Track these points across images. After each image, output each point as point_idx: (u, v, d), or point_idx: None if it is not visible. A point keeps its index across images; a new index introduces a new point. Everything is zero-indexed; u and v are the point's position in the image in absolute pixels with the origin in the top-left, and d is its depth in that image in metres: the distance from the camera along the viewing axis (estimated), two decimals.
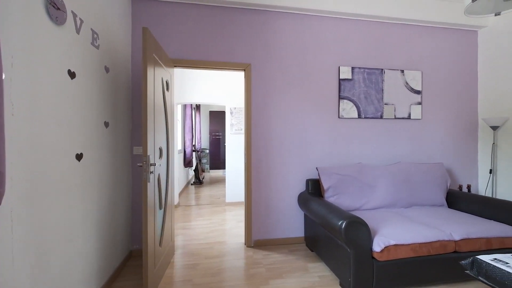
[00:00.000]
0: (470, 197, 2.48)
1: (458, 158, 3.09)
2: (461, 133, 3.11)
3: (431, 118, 3.03)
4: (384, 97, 2.90)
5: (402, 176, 2.57)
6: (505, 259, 1.24)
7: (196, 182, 6.24)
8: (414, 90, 2.97)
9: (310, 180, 2.58)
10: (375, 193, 2.50)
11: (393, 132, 2.94)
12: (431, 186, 2.59)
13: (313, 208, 2.22)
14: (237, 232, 3.02)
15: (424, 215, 2.25)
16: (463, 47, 3.10)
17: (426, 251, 1.80)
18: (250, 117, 2.64)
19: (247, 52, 2.65)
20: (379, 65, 2.90)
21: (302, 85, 2.75)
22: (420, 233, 1.83)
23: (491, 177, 2.98)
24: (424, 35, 3.01)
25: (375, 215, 2.24)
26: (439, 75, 3.04)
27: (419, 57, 2.99)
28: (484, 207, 2.29)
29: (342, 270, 1.84)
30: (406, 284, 1.81)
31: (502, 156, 2.88)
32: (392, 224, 1.98)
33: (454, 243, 1.87)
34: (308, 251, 2.50)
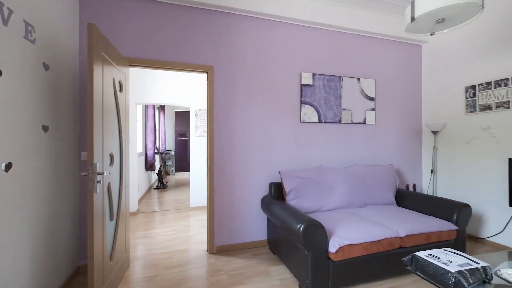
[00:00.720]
0: (415, 195, 2.74)
1: (405, 160, 3.40)
2: (408, 137, 3.42)
3: (383, 123, 3.29)
4: (342, 103, 3.06)
5: (357, 177, 2.74)
6: (438, 254, 1.38)
7: (160, 186, 5.95)
8: (369, 97, 3.19)
9: (273, 184, 2.61)
10: (334, 195, 2.62)
11: (350, 136, 3.12)
12: (382, 186, 2.80)
13: (274, 211, 2.25)
14: (200, 239, 2.93)
15: (375, 214, 2.42)
16: (410, 59, 3.43)
17: (376, 249, 1.94)
18: (213, 120, 2.58)
19: (210, 54, 2.59)
20: (338, 73, 3.06)
21: (266, 90, 2.78)
22: (371, 232, 1.96)
23: (432, 177, 3.33)
24: (378, 46, 3.25)
25: (332, 216, 2.34)
26: (390, 83, 3.32)
27: (373, 67, 3.23)
28: (426, 204, 2.55)
29: (301, 272, 1.89)
30: (359, 280, 1.92)
31: (441, 157, 3.24)
32: (347, 224, 2.09)
33: (400, 239, 2.04)
34: (271, 254, 2.53)
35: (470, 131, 2.91)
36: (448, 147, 3.16)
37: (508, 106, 2.56)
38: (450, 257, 1.35)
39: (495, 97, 2.67)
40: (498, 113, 2.65)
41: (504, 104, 2.60)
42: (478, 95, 2.82)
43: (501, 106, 2.62)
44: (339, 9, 2.94)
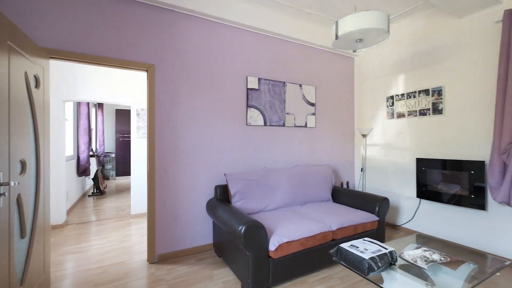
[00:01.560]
0: (347, 192, 3.07)
1: (340, 160, 3.79)
2: (343, 139, 3.82)
3: (322, 126, 3.60)
4: (286, 107, 3.24)
5: (299, 178, 2.94)
6: (358, 244, 1.59)
7: (96, 193, 5.34)
8: (310, 103, 3.46)
9: (219, 187, 2.60)
10: (277, 195, 2.75)
11: (293, 138, 3.32)
12: (320, 184, 3.07)
13: (219, 214, 2.25)
14: (141, 249, 2.74)
15: (313, 210, 2.63)
16: (345, 70, 3.84)
17: (312, 243, 2.11)
18: (154, 121, 2.44)
19: (151, 52, 2.44)
20: (282, 78, 3.23)
21: (212, 92, 2.75)
22: (307, 228, 2.13)
23: (362, 175, 3.79)
24: (318, 57, 3.55)
25: (275, 215, 2.46)
26: (328, 91, 3.65)
27: (314, 75, 3.50)
28: (355, 199, 2.89)
29: (243, 273, 1.93)
30: (297, 274, 2.06)
31: (369, 158, 3.72)
32: (287, 222, 2.22)
33: (332, 233, 2.26)
34: (216, 258, 2.52)
35: (390, 134, 3.41)
36: (375, 148, 3.64)
37: (416, 114, 3.09)
38: (367, 245, 1.56)
39: (407, 106, 3.19)
40: (410, 119, 3.17)
41: (413, 113, 3.12)
42: (396, 104, 3.33)
43: (411, 114, 3.15)
44: (283, 19, 3.11)
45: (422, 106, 3.03)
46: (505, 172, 2.26)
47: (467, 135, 2.64)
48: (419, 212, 3.06)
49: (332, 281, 2.08)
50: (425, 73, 3.00)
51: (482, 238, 2.52)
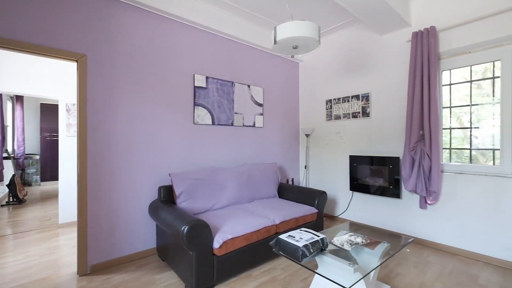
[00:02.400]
0: (292, 188, 3.28)
1: (286, 158, 4.03)
2: (289, 139, 4.06)
3: (270, 126, 3.76)
4: (234, 107, 3.29)
5: (246, 175, 3.01)
6: (294, 234, 1.72)
7: (13, 202, 4.51)
8: (258, 103, 3.58)
9: (163, 187, 2.49)
10: (225, 193, 2.77)
11: (242, 138, 3.39)
12: (267, 182, 3.20)
13: (162, 216, 2.16)
14: (70, 260, 2.43)
15: (260, 207, 2.74)
16: (291, 74, 4.08)
17: (256, 238, 2.20)
18: (85, 118, 2.20)
19: (84, 40, 2.20)
20: (230, 78, 3.26)
21: (157, 88, 2.62)
22: (252, 223, 2.21)
23: (306, 171, 4.09)
24: (266, 59, 3.69)
25: (222, 213, 2.48)
26: (275, 92, 3.84)
27: (261, 76, 3.64)
28: (298, 194, 3.10)
29: (187, 274, 1.90)
30: (242, 269, 2.12)
31: (312, 155, 4.04)
32: (233, 219, 2.26)
33: (275, 226, 2.39)
34: (159, 262, 2.40)
35: (328, 134, 3.77)
36: (316, 147, 3.97)
37: (349, 116, 3.49)
38: (302, 235, 1.70)
39: (343, 110, 3.58)
40: (344, 121, 3.56)
41: (348, 115, 3.51)
42: (333, 107, 3.69)
43: (346, 116, 3.54)
44: (232, 19, 3.15)
45: (354, 109, 3.43)
46: (413, 166, 2.74)
47: (388, 135, 3.09)
48: (352, 203, 3.47)
49: (275, 272, 2.20)
50: (356, 80, 3.41)
51: (398, 222, 2.99)
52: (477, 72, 2.53)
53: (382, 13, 2.61)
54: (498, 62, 2.38)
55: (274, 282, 2.05)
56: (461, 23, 2.46)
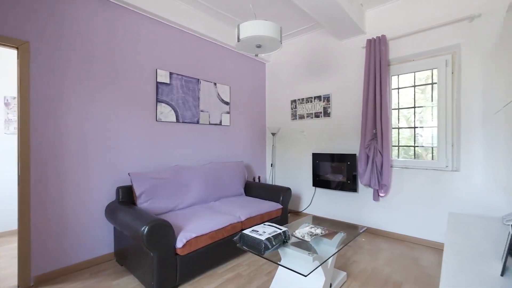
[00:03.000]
0: (258, 185, 3.33)
1: (253, 156, 4.08)
2: (256, 137, 4.12)
3: (237, 125, 3.77)
4: (200, 104, 3.23)
5: (212, 174, 2.99)
6: (258, 228, 1.76)
7: None
8: (224, 101, 3.57)
9: (122, 188, 2.35)
10: (190, 192, 2.71)
11: (208, 136, 3.35)
12: (234, 180, 3.21)
13: (120, 217, 2.03)
14: (10, 273, 2.16)
15: (226, 205, 2.73)
16: (258, 73, 4.15)
17: (221, 235, 2.19)
18: (28, 113, 1.97)
19: (26, 26, 1.96)
20: (196, 75, 3.20)
21: (115, 83, 2.45)
22: (217, 221, 2.20)
23: (272, 169, 4.20)
24: (233, 58, 3.69)
25: (187, 212, 2.42)
26: (242, 91, 3.86)
27: (228, 74, 3.63)
28: (264, 191, 3.17)
29: (147, 276, 1.82)
30: (207, 268, 2.10)
31: (278, 154, 4.15)
32: (198, 218, 2.23)
33: (241, 223, 2.42)
34: (117, 267, 2.26)
35: (293, 133, 3.92)
36: (282, 145, 4.09)
37: (312, 116, 3.66)
38: (265, 229, 1.75)
39: (306, 110, 3.74)
40: (308, 121, 3.73)
41: (311, 115, 3.69)
42: (298, 107, 3.85)
43: (309, 116, 3.71)
44: (199, 16, 3.09)
45: (316, 109, 3.62)
46: (367, 162, 2.98)
47: (346, 134, 3.32)
48: (315, 199, 3.65)
49: (240, 268, 2.22)
50: (318, 82, 3.60)
51: (356, 214, 3.23)
52: (421, 78, 2.85)
53: (341, 20, 2.80)
54: (436, 70, 2.71)
55: (239, 278, 2.07)
56: (406, 34, 2.76)
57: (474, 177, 2.42)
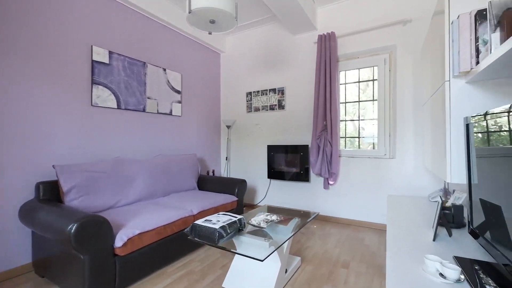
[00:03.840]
0: (213, 179, 3.18)
1: (207, 149, 3.90)
2: (210, 130, 3.95)
3: (189, 115, 3.54)
4: (147, 90, 2.92)
5: (161, 167, 2.72)
6: (211, 218, 1.64)
7: None
8: (175, 90, 3.30)
9: (43, 184, 1.93)
10: (134, 187, 2.41)
11: (156, 126, 3.05)
12: (185, 173, 2.99)
13: (40, 218, 1.66)
14: None
15: (177, 199, 2.52)
16: (212, 63, 3.97)
17: (170, 231, 1.99)
18: None
19: None
20: (142, 58, 2.87)
21: (36, 58, 2.01)
22: (165, 216, 1.99)
23: (227, 163, 4.08)
24: (184, 44, 3.45)
25: (130, 209, 2.14)
26: (196, 81, 3.65)
27: (179, 61, 3.38)
28: (219, 185, 3.04)
29: (76, 285, 1.52)
30: (154, 268, 1.87)
31: (233, 147, 4.05)
32: (143, 214, 1.98)
33: (193, 217, 2.25)
34: (37, 279, 1.85)
35: (249, 126, 3.88)
36: (237, 138, 4.01)
37: (267, 108, 3.68)
38: (220, 218, 1.63)
39: (261, 102, 3.74)
40: (263, 113, 3.73)
41: (266, 107, 3.70)
42: (253, 100, 3.82)
43: (264, 108, 3.71)
44: None
45: (271, 102, 3.64)
46: (319, 152, 3.12)
47: (299, 126, 3.42)
48: (270, 190, 3.67)
49: (192, 265, 2.05)
50: (273, 75, 3.63)
51: (308, 203, 3.36)
52: (365, 75, 3.11)
53: (295, 13, 2.85)
54: (376, 67, 2.99)
55: (191, 274, 1.91)
56: (352, 33, 2.97)
57: (406, 163, 2.74)
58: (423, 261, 1.09)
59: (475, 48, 1.18)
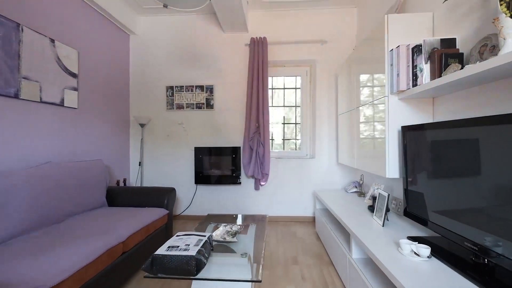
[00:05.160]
0: (126, 190, 2.52)
1: (114, 154, 3.08)
2: (117, 128, 3.14)
3: (89, 109, 2.66)
4: (22, 67, 1.94)
5: (51, 180, 1.88)
6: (175, 243, 1.28)
7: None
8: (69, 72, 2.39)
9: None
10: (5, 216, 1.53)
11: (38, 120, 2.09)
12: (89, 187, 2.22)
13: None
14: None
15: (84, 224, 1.81)
16: (119, 45, 3.16)
17: (95, 270, 1.40)
18: None
19: None
20: (14, 16, 1.88)
21: None
22: (82, 252, 1.38)
23: (140, 169, 3.38)
24: (83, 11, 2.55)
25: (7, 252, 1.33)
26: (97, 63, 2.78)
27: (75, 33, 2.47)
28: (139, 197, 2.45)
29: None
30: None
31: (147, 149, 3.40)
32: (40, 257, 1.28)
33: (122, 244, 1.69)
34: None
35: (170, 125, 3.37)
36: (154, 139, 3.39)
37: (193, 107, 3.33)
38: (186, 240, 1.31)
39: (186, 99, 3.34)
40: (188, 112, 3.35)
41: (192, 105, 3.34)
42: (175, 95, 3.35)
43: (189, 106, 3.34)
44: None
45: (198, 100, 3.33)
46: (252, 154, 3.14)
47: (230, 127, 3.31)
48: (197, 197, 3.34)
49: None
50: (201, 71, 3.33)
51: (240, 206, 3.29)
52: (290, 82, 3.40)
53: (234, 8, 2.71)
54: (299, 77, 3.35)
55: None
56: (279, 42, 3.19)
57: (323, 162, 3.23)
58: (398, 244, 1.29)
59: (412, 73, 1.53)
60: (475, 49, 1.28)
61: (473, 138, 1.06)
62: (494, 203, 0.96)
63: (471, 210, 1.07)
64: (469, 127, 1.08)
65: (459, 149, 1.14)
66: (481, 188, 1.01)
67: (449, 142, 1.21)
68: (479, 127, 1.04)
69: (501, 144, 0.93)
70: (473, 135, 1.06)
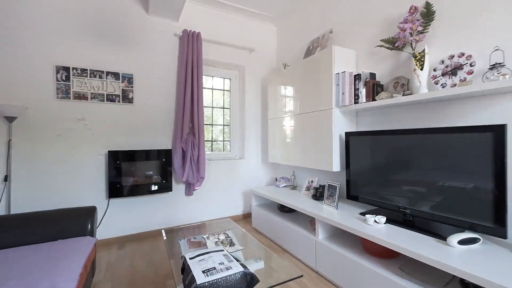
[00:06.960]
0: (16, 219, 1.64)
1: None
2: None
3: None
4: None
5: None
6: (201, 264, 1.08)
7: None
8: None
9: None
10: None
11: None
12: None
13: None
14: None
15: None
16: None
17: None
18: None
19: None
20: None
21: None
22: None
23: (7, 186, 2.19)
24: None
25: None
26: None
27: None
28: (44, 226, 1.66)
29: None
30: None
31: (21, 155, 2.26)
32: None
33: None
34: None
35: (63, 121, 2.42)
36: (32, 140, 2.31)
37: (103, 98, 2.58)
38: (213, 257, 1.14)
39: (92, 87, 2.53)
40: (94, 104, 2.55)
41: (100, 96, 2.56)
42: (73, 80, 2.45)
43: (96, 97, 2.55)
44: None
45: (111, 91, 2.61)
46: (185, 157, 2.87)
47: (156, 127, 2.84)
48: (109, 215, 2.61)
49: None
50: (115, 54, 2.63)
51: (169, 216, 2.88)
52: (219, 83, 3.37)
53: None
54: (229, 80, 3.42)
55: None
56: (213, 41, 3.13)
57: (251, 162, 3.48)
58: (361, 219, 1.76)
59: (354, 93, 2.08)
60: (390, 83, 1.98)
61: (384, 141, 1.68)
62: (396, 181, 1.59)
63: (390, 187, 1.69)
64: (381, 135, 1.70)
65: (381, 149, 1.75)
66: (389, 173, 1.64)
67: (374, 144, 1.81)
68: (386, 136, 1.67)
69: (395, 146, 1.56)
70: (384, 140, 1.68)
